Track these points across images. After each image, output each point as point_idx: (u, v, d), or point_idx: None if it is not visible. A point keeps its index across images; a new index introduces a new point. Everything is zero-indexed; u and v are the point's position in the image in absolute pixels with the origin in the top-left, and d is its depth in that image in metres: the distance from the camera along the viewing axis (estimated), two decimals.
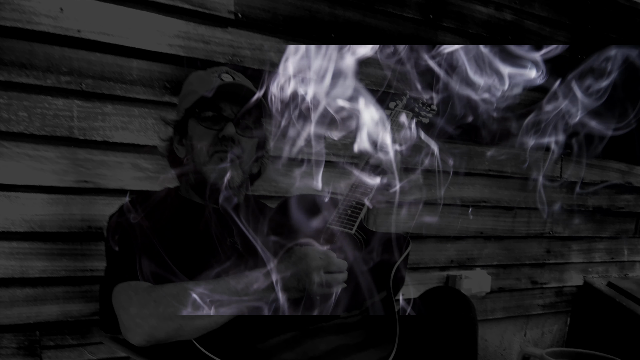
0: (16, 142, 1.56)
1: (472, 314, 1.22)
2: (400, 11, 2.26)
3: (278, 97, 1.00)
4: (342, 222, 1.23)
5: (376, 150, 1.11)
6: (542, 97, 1.15)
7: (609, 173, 3.05)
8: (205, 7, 1.80)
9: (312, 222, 1.21)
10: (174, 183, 1.39)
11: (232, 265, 1.07)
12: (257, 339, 1.03)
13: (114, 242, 1.19)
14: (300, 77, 0.98)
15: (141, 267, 1.06)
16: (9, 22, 1.52)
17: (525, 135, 1.21)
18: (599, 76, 1.07)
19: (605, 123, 1.13)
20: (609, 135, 1.15)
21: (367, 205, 1.26)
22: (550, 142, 1.17)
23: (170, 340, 1.00)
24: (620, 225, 3.17)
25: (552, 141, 1.16)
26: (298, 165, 1.14)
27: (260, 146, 1.33)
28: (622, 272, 3.22)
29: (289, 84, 0.98)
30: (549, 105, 1.14)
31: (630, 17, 3.04)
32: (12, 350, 1.58)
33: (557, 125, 1.15)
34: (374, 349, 1.06)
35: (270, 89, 1.00)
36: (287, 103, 1.00)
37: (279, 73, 0.98)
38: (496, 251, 2.67)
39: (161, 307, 0.99)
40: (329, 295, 1.05)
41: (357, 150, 1.06)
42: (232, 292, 1.00)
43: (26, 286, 1.60)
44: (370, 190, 1.27)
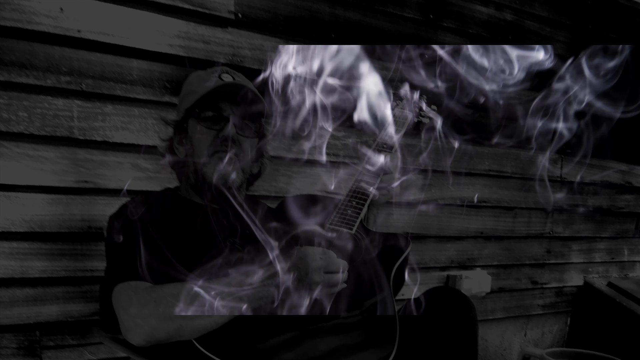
0: (16, 142, 1.56)
1: (473, 314, 1.22)
2: (401, 11, 2.26)
3: (279, 79, 0.99)
4: (343, 222, 1.23)
5: (377, 123, 1.08)
6: None
7: (609, 173, 3.05)
8: (206, 7, 1.80)
9: (312, 222, 1.21)
10: (174, 183, 1.39)
11: (232, 265, 1.07)
12: (257, 339, 1.03)
13: (114, 243, 1.19)
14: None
15: (141, 267, 1.06)
16: (9, 22, 1.52)
17: (532, 118, 1.20)
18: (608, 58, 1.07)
19: (613, 105, 1.12)
20: (616, 118, 1.14)
21: (372, 194, 1.25)
22: (557, 126, 1.15)
23: (170, 340, 1.00)
24: (620, 225, 3.16)
25: (560, 125, 1.14)
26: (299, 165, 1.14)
27: (260, 146, 1.33)
28: (623, 272, 3.22)
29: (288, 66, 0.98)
30: (557, 87, 1.13)
31: (630, 17, 3.04)
32: (12, 351, 1.58)
33: (565, 108, 1.13)
34: (374, 349, 1.06)
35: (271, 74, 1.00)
36: (288, 82, 0.99)
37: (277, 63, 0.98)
38: (496, 251, 2.67)
39: (161, 307, 0.99)
40: (329, 295, 1.05)
41: (357, 120, 1.03)
42: (232, 292, 1.00)
43: (26, 286, 1.59)
44: (375, 180, 1.27)
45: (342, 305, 1.07)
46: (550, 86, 1.13)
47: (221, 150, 1.24)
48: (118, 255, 1.15)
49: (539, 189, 2.72)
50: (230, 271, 1.04)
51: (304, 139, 1.14)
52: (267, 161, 1.40)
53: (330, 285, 1.04)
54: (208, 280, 1.01)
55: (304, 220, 1.22)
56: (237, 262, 1.09)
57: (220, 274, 1.03)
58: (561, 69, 1.10)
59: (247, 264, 1.07)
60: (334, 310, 1.05)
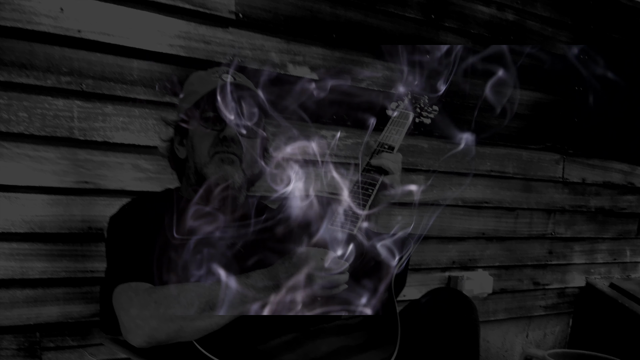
0: (16, 142, 1.55)
1: (474, 315, 1.22)
2: (402, 11, 2.25)
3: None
4: (344, 223, 1.22)
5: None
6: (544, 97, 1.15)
7: (611, 174, 3.04)
8: (206, 7, 1.80)
9: (313, 223, 1.20)
10: (175, 184, 1.39)
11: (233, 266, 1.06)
12: (258, 340, 1.03)
13: (114, 243, 1.19)
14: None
15: (142, 268, 1.06)
16: (9, 22, 1.52)
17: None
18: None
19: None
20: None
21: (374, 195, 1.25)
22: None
23: (170, 341, 1.00)
24: (622, 226, 3.16)
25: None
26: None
27: (261, 147, 1.33)
28: (625, 273, 3.21)
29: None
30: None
31: (632, 17, 3.03)
32: (12, 352, 1.58)
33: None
34: (375, 350, 1.06)
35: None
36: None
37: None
38: (498, 252, 2.66)
39: (162, 308, 0.99)
40: (330, 296, 1.04)
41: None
42: (232, 292, 0.99)
43: (26, 287, 1.59)
44: (376, 181, 1.26)
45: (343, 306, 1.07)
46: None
47: (222, 151, 1.23)
48: (119, 256, 1.15)
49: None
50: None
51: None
52: (268, 161, 1.39)
53: (331, 287, 1.03)
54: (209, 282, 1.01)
55: (304, 221, 1.21)
56: (238, 263, 1.08)
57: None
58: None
59: (249, 266, 1.06)
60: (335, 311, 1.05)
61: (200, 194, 1.28)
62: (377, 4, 2.18)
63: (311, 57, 2.03)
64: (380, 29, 2.21)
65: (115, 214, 1.23)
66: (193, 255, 1.12)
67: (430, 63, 1.32)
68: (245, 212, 1.29)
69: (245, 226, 1.26)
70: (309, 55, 2.03)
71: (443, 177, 2.41)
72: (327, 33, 2.08)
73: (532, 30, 2.66)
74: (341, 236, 1.18)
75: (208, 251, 1.16)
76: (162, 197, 1.32)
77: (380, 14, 2.20)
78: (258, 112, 1.26)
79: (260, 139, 1.33)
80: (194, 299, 0.98)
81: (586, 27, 2.85)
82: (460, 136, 1.29)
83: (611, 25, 2.94)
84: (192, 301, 0.98)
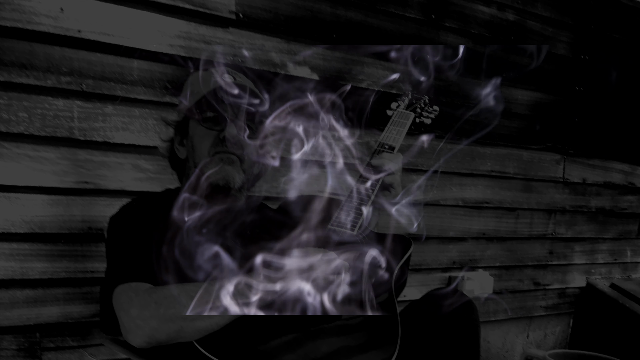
0: (16, 142, 1.55)
1: (475, 315, 1.21)
2: (402, 11, 2.25)
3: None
4: (345, 223, 1.22)
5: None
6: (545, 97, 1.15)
7: (612, 174, 3.04)
8: (207, 7, 1.80)
9: (313, 223, 1.20)
10: (175, 184, 1.38)
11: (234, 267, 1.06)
12: (258, 341, 1.02)
13: (114, 244, 1.18)
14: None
15: (142, 268, 1.06)
16: (9, 22, 1.51)
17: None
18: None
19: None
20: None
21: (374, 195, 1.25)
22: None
23: (171, 341, 1.00)
24: (623, 226, 3.15)
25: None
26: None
27: (261, 147, 1.33)
28: (625, 273, 3.21)
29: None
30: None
31: (633, 17, 3.03)
32: (12, 352, 1.57)
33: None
34: (375, 350, 1.05)
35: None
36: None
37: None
38: (498, 252, 2.66)
39: (162, 308, 0.99)
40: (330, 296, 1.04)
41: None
42: (232, 292, 0.99)
43: (26, 287, 1.59)
44: (377, 181, 1.26)
45: (344, 307, 1.06)
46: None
47: (222, 151, 1.23)
48: (119, 257, 1.15)
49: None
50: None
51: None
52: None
53: (331, 287, 1.03)
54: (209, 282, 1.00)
55: (305, 221, 1.21)
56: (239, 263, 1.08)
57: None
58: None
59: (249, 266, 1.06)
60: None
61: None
62: (377, 4, 2.17)
63: (311, 57, 2.03)
64: (380, 29, 2.20)
65: (115, 214, 1.23)
66: (193, 255, 1.12)
67: (431, 63, 1.32)
68: (245, 212, 1.29)
69: (245, 226, 1.26)
70: (309, 55, 2.03)
71: (443, 177, 2.41)
72: (328, 33, 2.07)
73: (533, 31, 2.65)
74: (341, 236, 1.17)
75: (208, 251, 1.16)
76: (162, 198, 1.32)
77: (381, 14, 2.20)
78: (258, 112, 1.26)
79: (260, 139, 1.33)
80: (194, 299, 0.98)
81: (587, 27, 2.84)
82: (460, 136, 1.29)
83: (612, 25, 2.94)
84: (192, 301, 0.98)
